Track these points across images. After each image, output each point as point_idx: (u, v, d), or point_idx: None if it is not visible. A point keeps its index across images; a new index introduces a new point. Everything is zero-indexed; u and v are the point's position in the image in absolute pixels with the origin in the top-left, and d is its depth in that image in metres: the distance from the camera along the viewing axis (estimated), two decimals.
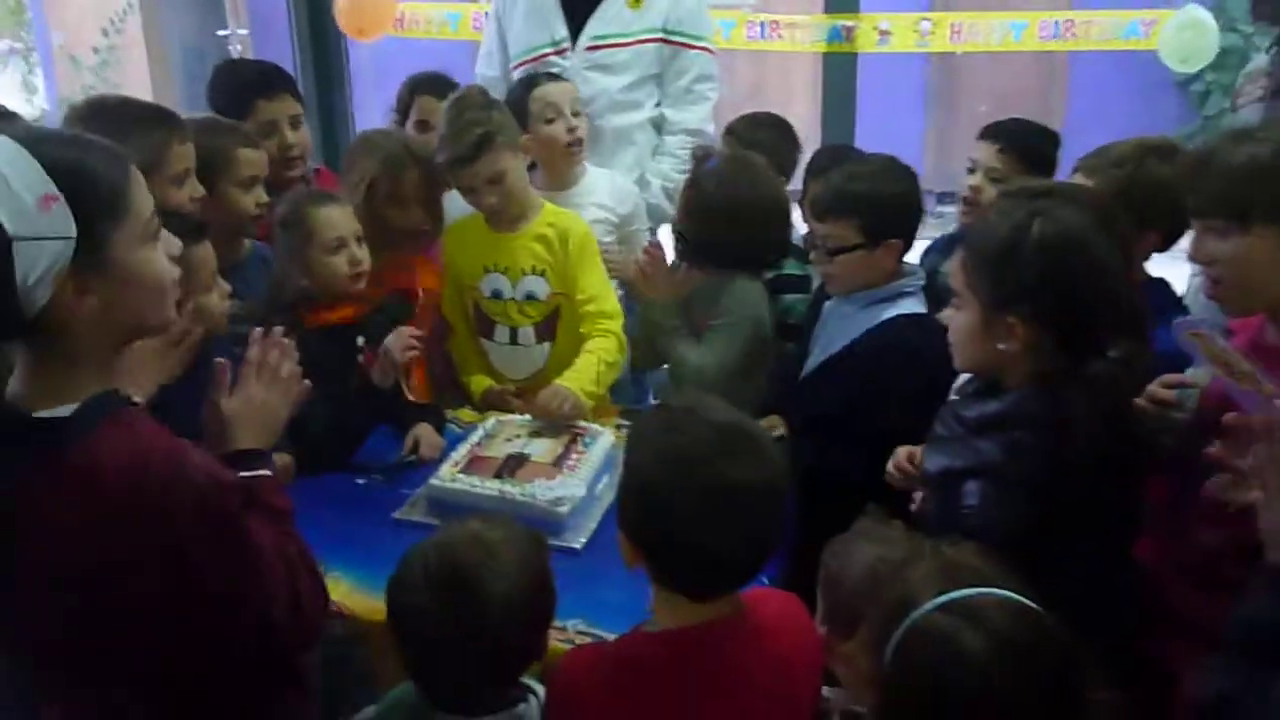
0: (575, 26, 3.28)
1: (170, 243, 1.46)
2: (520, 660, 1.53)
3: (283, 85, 2.98)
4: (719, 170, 2.65)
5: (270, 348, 1.63)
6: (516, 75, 3.31)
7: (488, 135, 2.60)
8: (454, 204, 2.84)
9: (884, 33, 4.29)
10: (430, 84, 3.27)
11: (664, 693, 1.43)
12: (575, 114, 2.98)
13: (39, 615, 1.32)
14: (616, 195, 3.08)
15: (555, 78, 3.05)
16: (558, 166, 3.02)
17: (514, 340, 2.83)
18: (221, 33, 9.36)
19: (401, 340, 2.43)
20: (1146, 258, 2.07)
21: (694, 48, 3.33)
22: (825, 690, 1.40)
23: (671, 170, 3.30)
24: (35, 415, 1.28)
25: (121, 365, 1.39)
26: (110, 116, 2.23)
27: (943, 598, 1.19)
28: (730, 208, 2.59)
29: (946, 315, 1.73)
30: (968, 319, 1.67)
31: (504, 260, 2.76)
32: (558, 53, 3.29)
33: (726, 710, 1.42)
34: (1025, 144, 2.71)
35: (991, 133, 2.76)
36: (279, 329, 1.67)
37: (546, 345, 2.82)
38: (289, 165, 2.88)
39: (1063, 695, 1.15)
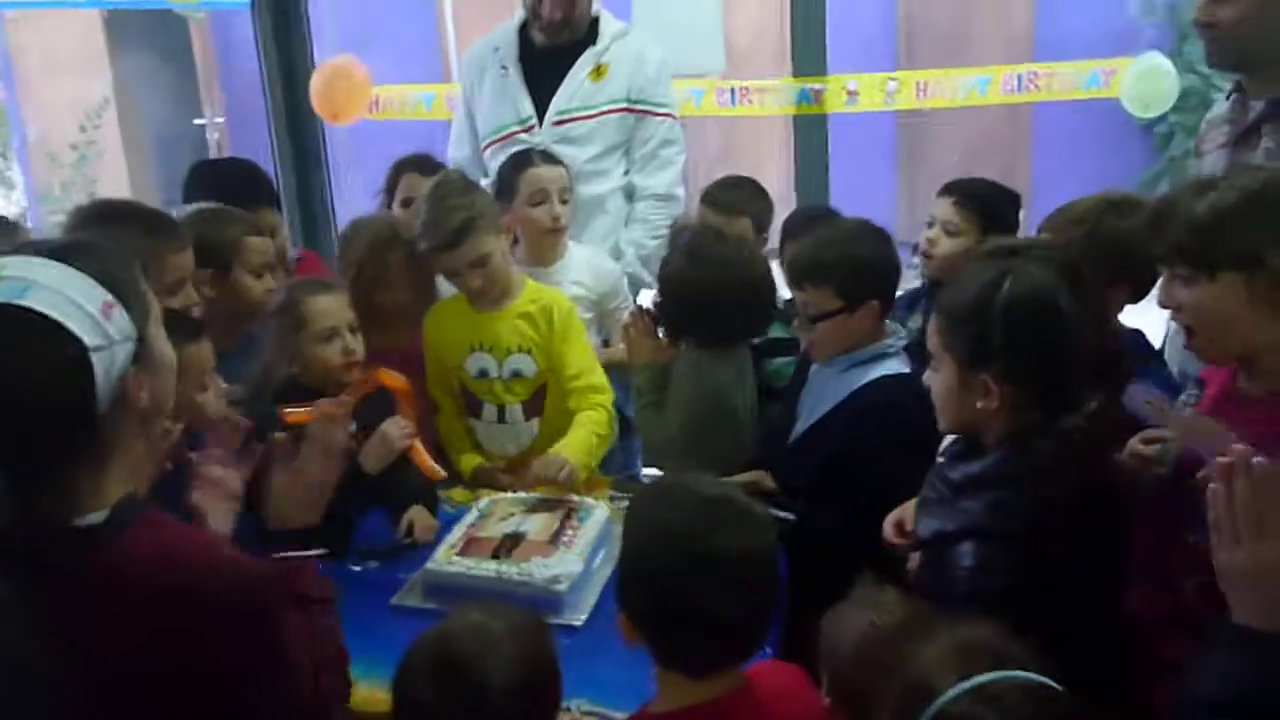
0: (540, 103, 3.37)
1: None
2: None
3: (263, 198, 3.01)
4: (693, 247, 2.67)
5: (328, 420, 1.68)
6: (487, 155, 3.38)
7: (470, 220, 2.63)
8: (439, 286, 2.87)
9: (852, 93, 4.36)
10: (416, 164, 3.32)
11: None
12: (564, 200, 3.02)
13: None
14: (595, 274, 3.11)
15: (549, 159, 3.07)
16: (540, 246, 3.06)
17: (501, 419, 2.83)
18: (198, 121, 9.46)
19: (398, 428, 2.43)
20: (1120, 309, 2.11)
21: (656, 114, 3.41)
22: None
23: (644, 236, 3.37)
24: (72, 525, 1.27)
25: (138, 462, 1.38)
26: (114, 218, 2.25)
27: (965, 684, 1.17)
28: (705, 287, 2.61)
29: (928, 376, 1.75)
30: (946, 379, 1.70)
31: (489, 339, 2.77)
32: (525, 130, 3.37)
33: None
34: (983, 200, 2.79)
35: (950, 189, 2.82)
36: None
37: (535, 421, 2.83)
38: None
39: None
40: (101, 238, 1.62)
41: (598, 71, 3.36)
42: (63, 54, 9.52)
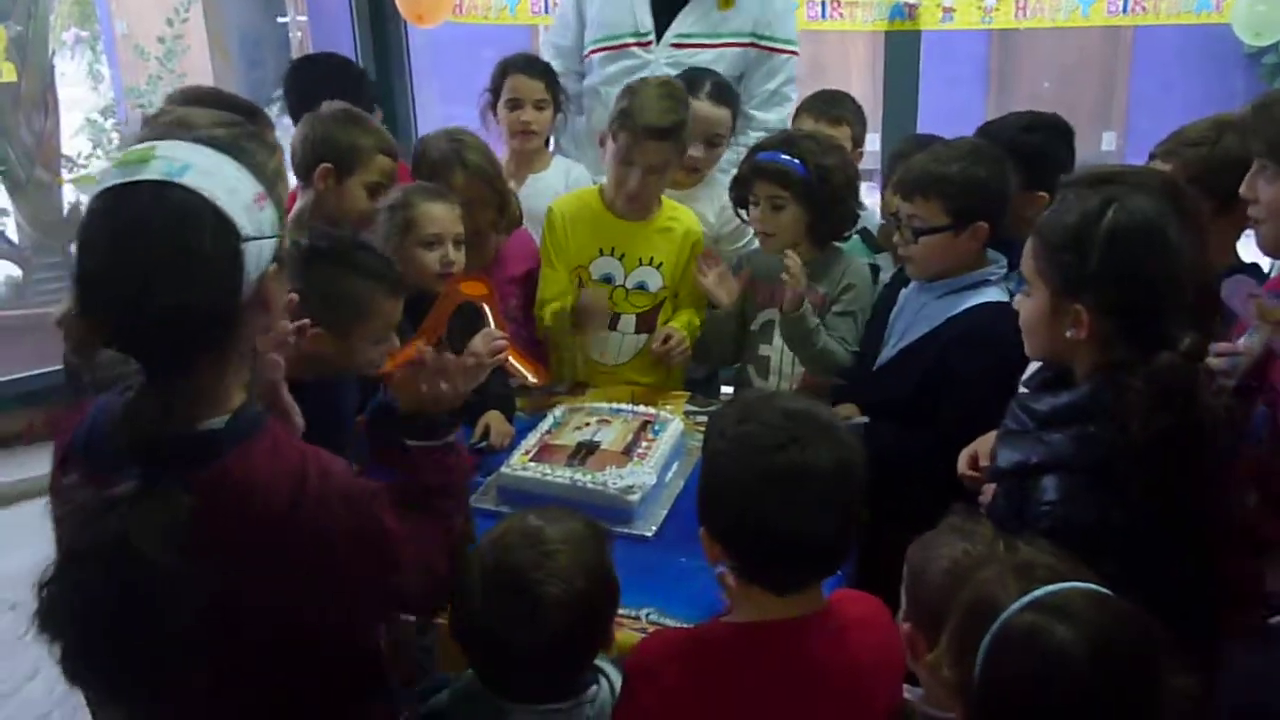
0: (661, 20, 3.22)
1: None
2: (583, 655, 1.53)
3: (364, 101, 2.96)
4: (812, 149, 2.60)
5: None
6: (593, 60, 3.28)
7: (682, 123, 2.66)
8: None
9: (947, 9, 4.21)
10: (523, 63, 3.23)
11: (736, 681, 1.43)
12: (711, 144, 2.99)
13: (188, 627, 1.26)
14: (722, 214, 3.04)
15: (722, 96, 3.01)
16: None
17: (614, 326, 2.85)
18: (281, 20, 9.46)
19: (487, 342, 2.41)
20: (1237, 237, 2.03)
21: (782, 51, 3.28)
22: (907, 691, 1.40)
23: None
24: (195, 429, 1.26)
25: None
26: (204, 104, 2.27)
27: (1027, 597, 1.18)
28: (847, 182, 2.61)
29: (1019, 301, 1.71)
30: (1036, 306, 1.65)
31: (622, 246, 2.79)
32: (640, 44, 3.23)
33: (797, 707, 1.42)
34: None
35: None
36: None
37: (644, 336, 2.85)
38: None
39: (1149, 682, 1.15)
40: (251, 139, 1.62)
41: (726, 0, 3.20)
42: None
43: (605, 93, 3.13)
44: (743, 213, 2.74)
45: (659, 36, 3.22)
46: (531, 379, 2.50)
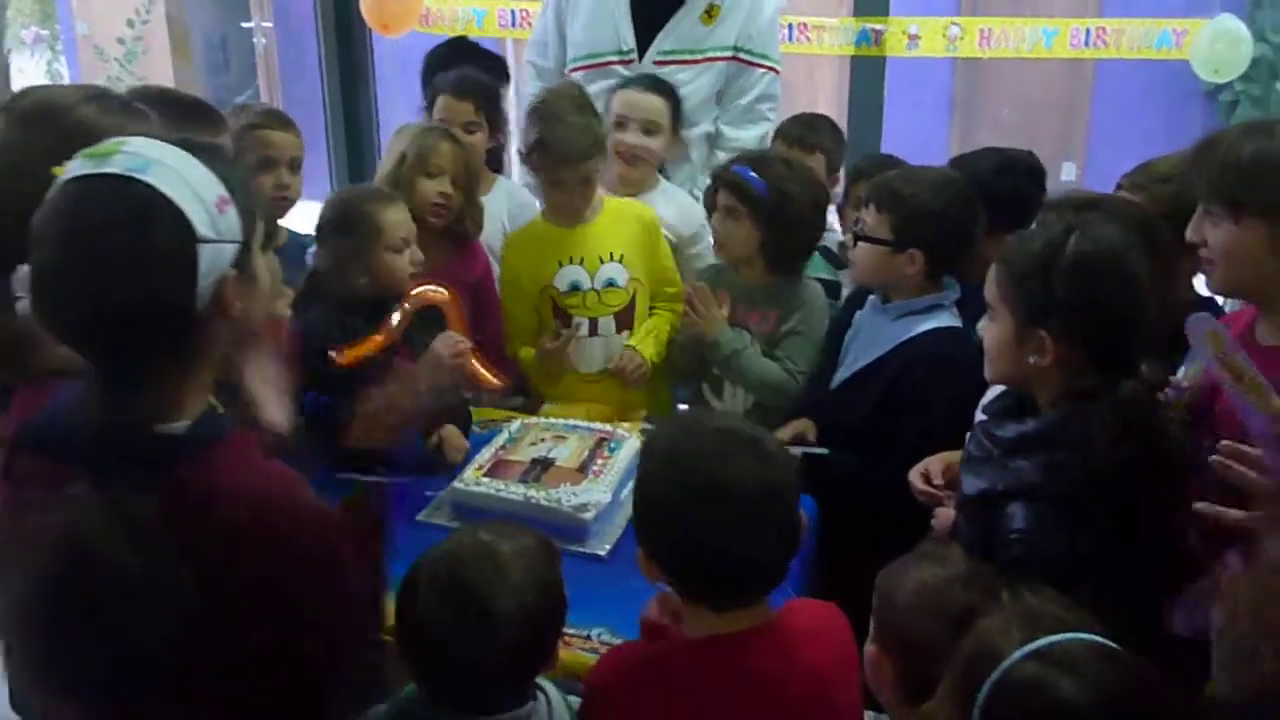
0: (644, 37, 3.18)
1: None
2: (528, 669, 1.51)
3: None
4: (780, 174, 2.61)
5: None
6: (575, 78, 3.21)
7: (599, 140, 2.66)
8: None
9: (913, 37, 4.26)
10: (451, 85, 3.14)
11: (689, 697, 1.42)
12: (649, 132, 2.98)
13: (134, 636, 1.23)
14: (682, 215, 3.04)
15: (655, 85, 3.02)
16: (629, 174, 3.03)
17: (594, 331, 2.84)
18: (246, 25, 9.40)
19: (448, 345, 2.40)
20: (1195, 274, 2.04)
21: (760, 66, 3.25)
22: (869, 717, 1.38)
23: None
24: (153, 432, 1.23)
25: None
26: (151, 102, 2.23)
27: (1031, 645, 1.14)
28: (806, 213, 2.60)
29: (983, 326, 1.71)
30: (1001, 332, 1.66)
31: (579, 251, 2.79)
32: (623, 62, 3.20)
33: (754, 718, 1.41)
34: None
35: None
36: None
37: (625, 334, 2.85)
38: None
39: None
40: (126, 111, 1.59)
41: (709, 13, 3.16)
42: None
43: None
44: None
45: (641, 53, 3.19)
46: (494, 383, 2.49)
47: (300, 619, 1.29)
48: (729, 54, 3.21)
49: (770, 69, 3.28)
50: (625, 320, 2.85)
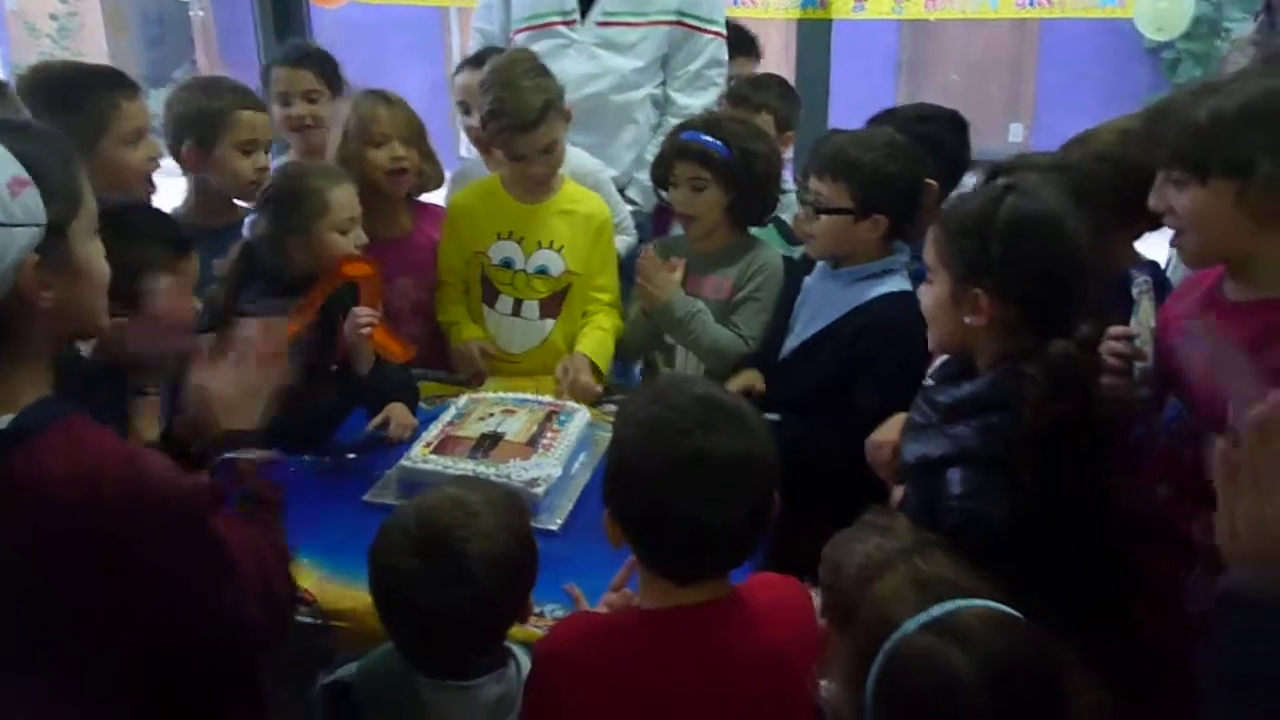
0: None
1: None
2: (503, 623, 1.52)
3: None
4: (737, 132, 2.55)
5: (253, 326, 1.57)
6: (518, 40, 3.19)
7: (549, 103, 2.56)
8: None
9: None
10: (283, 55, 3.08)
11: (643, 668, 1.40)
12: None
13: None
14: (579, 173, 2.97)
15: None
16: None
17: (517, 312, 2.79)
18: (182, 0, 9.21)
19: (352, 322, 2.35)
20: (1138, 238, 2.04)
21: (708, 32, 3.24)
22: (823, 685, 1.37)
23: None
24: None
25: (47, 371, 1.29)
26: (56, 81, 2.18)
27: (923, 616, 1.15)
28: (770, 169, 2.56)
29: (922, 290, 1.70)
30: (938, 293, 1.65)
31: (520, 230, 2.73)
32: (565, 23, 3.17)
33: (709, 694, 1.39)
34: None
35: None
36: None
37: (549, 322, 2.79)
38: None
39: (1050, 707, 1.13)
40: (51, 96, 1.54)
41: None
42: None
43: None
44: (663, 193, 2.69)
45: (584, 14, 3.16)
46: (398, 356, 2.44)
47: (169, 582, 1.26)
48: (673, 18, 3.18)
49: (717, 34, 3.26)
50: (551, 309, 2.78)
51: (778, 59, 8.02)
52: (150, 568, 1.24)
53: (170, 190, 2.39)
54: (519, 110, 2.54)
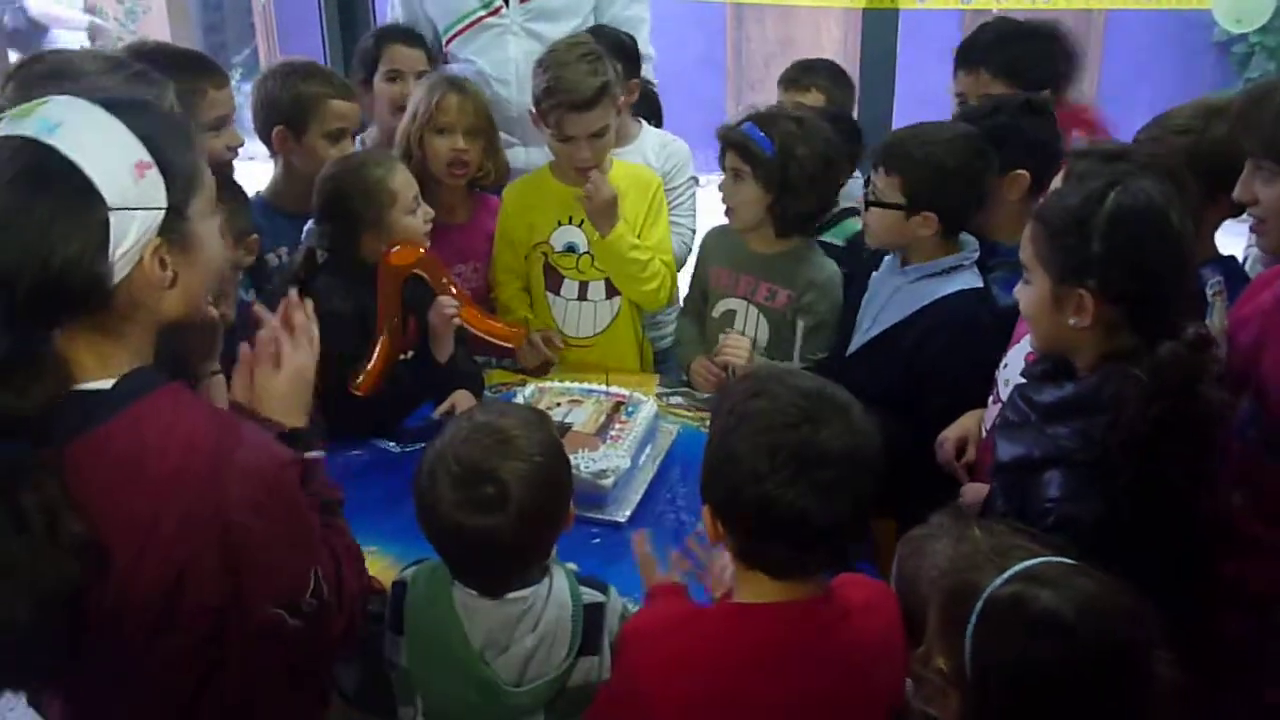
0: None
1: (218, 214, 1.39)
2: (546, 537, 1.58)
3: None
4: (788, 131, 2.46)
5: (296, 310, 1.56)
6: (453, 46, 3.17)
7: (607, 85, 2.55)
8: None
9: None
10: (401, 34, 3.12)
11: (729, 663, 1.39)
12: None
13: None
14: (662, 153, 2.98)
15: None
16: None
17: (583, 295, 2.80)
18: None
19: (439, 312, 2.37)
20: (1216, 228, 1.98)
21: None
22: (909, 684, 1.35)
23: None
24: (78, 388, 1.22)
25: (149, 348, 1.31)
26: (148, 62, 2.20)
27: (1007, 572, 1.18)
28: (816, 175, 2.46)
29: (1019, 289, 1.65)
30: (1038, 293, 1.60)
31: (579, 212, 2.70)
32: (491, 13, 3.13)
33: (794, 692, 1.37)
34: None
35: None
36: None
37: (616, 301, 2.80)
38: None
39: (1140, 646, 1.15)
40: (137, 78, 1.56)
41: None
42: None
43: (484, 73, 3.09)
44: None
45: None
46: (508, 337, 2.46)
47: (254, 558, 1.26)
48: None
49: None
50: (616, 287, 2.79)
51: (836, 49, 7.96)
52: (242, 535, 1.24)
53: (245, 176, 2.39)
54: (575, 89, 2.52)
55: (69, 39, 7.23)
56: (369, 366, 2.28)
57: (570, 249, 2.77)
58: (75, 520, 1.16)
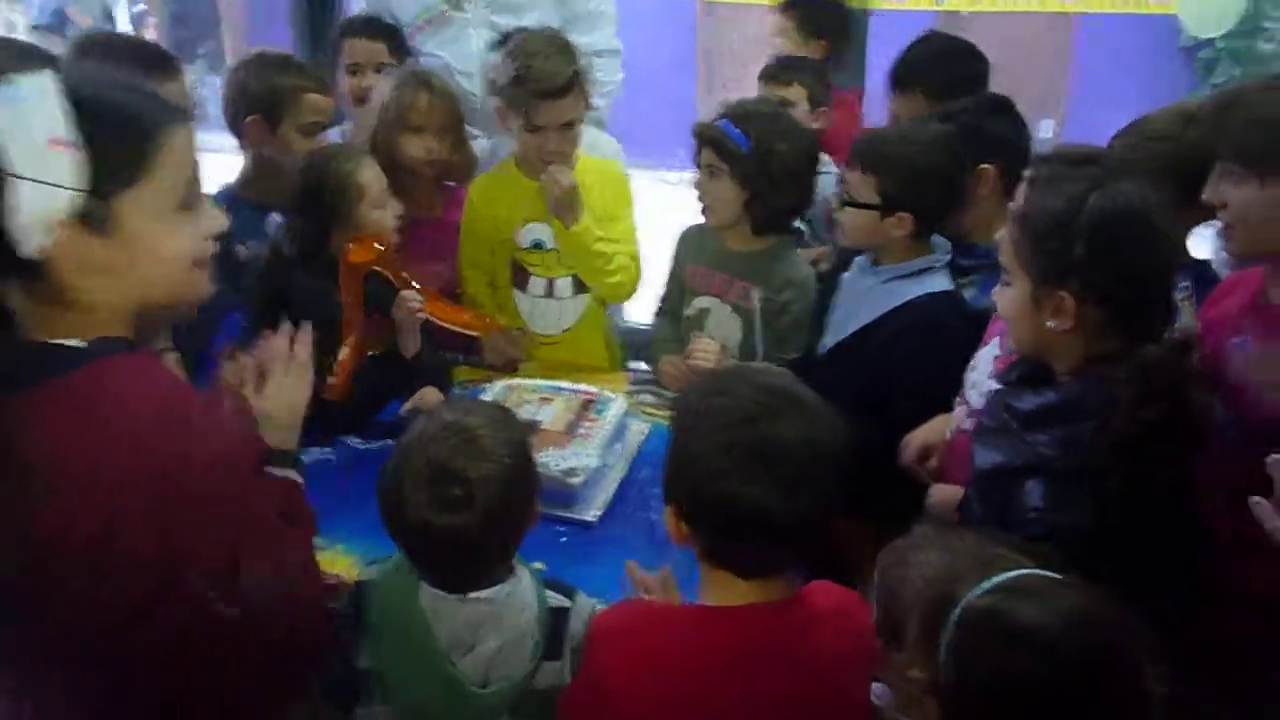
0: None
1: (213, 218, 1.37)
2: (512, 535, 1.57)
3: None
4: (764, 128, 2.44)
5: (286, 338, 1.57)
6: (419, 41, 3.16)
7: (578, 75, 2.53)
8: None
9: None
10: (361, 25, 3.09)
11: (696, 665, 1.38)
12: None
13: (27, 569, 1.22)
14: (593, 152, 2.90)
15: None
16: None
17: (550, 293, 2.77)
18: None
19: (404, 306, 2.35)
20: (1189, 233, 1.99)
21: None
22: (875, 688, 1.33)
23: (596, 98, 2.99)
24: (44, 341, 1.23)
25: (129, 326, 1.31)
26: (98, 55, 2.17)
27: (987, 583, 1.16)
28: (793, 172, 2.44)
29: (998, 292, 1.64)
30: (1017, 296, 1.58)
31: (546, 210, 2.66)
32: (455, 7, 3.14)
33: (760, 694, 1.36)
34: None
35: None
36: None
37: (582, 299, 2.78)
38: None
39: (1129, 662, 1.12)
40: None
41: None
42: None
43: (449, 66, 3.10)
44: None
45: None
46: (478, 328, 2.43)
47: (186, 522, 1.23)
48: None
49: None
50: (583, 284, 2.77)
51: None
52: (178, 495, 1.22)
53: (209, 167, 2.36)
54: (547, 76, 2.49)
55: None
56: (338, 368, 2.25)
57: (537, 245, 2.74)
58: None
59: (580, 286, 2.77)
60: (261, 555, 1.33)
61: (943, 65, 2.78)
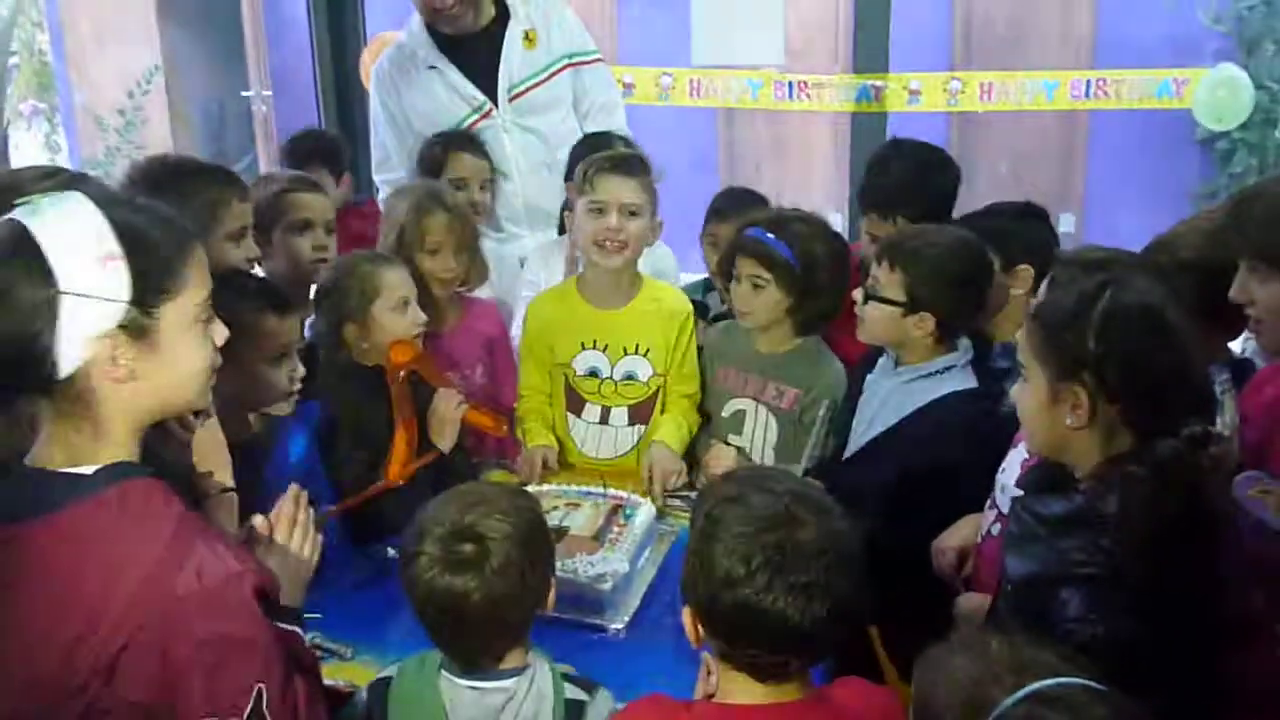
0: (485, 84, 3.31)
1: (218, 330, 1.40)
2: (525, 603, 1.57)
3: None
4: (802, 234, 2.47)
5: (302, 504, 1.60)
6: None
7: (639, 157, 2.60)
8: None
9: (914, 92, 4.27)
10: (466, 141, 3.21)
11: None
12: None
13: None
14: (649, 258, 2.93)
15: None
16: None
17: (605, 420, 2.71)
18: (246, 94, 9.45)
19: (444, 403, 2.37)
20: (1234, 337, 1.99)
21: (589, 62, 3.44)
22: None
23: None
24: (57, 470, 1.26)
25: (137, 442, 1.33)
26: (172, 172, 2.24)
27: (1021, 691, 1.14)
28: (834, 274, 2.48)
29: (1016, 389, 1.65)
30: (1034, 392, 1.58)
31: (604, 337, 2.64)
32: (484, 116, 3.29)
33: None
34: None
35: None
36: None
37: (639, 429, 2.71)
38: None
39: None
40: (164, 185, 1.59)
41: (528, 39, 3.32)
42: (113, 21, 9.52)
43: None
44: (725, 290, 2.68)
45: (495, 101, 3.30)
46: (493, 429, 2.47)
47: (192, 663, 1.24)
48: (564, 63, 3.37)
49: (597, 60, 3.46)
50: (641, 414, 2.69)
51: (825, 154, 8.10)
52: (185, 635, 1.23)
53: None
54: (616, 153, 2.60)
55: None
56: (393, 454, 2.27)
57: (593, 374, 2.70)
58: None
59: (636, 417, 2.71)
60: (266, 681, 1.32)
61: (919, 189, 2.76)
